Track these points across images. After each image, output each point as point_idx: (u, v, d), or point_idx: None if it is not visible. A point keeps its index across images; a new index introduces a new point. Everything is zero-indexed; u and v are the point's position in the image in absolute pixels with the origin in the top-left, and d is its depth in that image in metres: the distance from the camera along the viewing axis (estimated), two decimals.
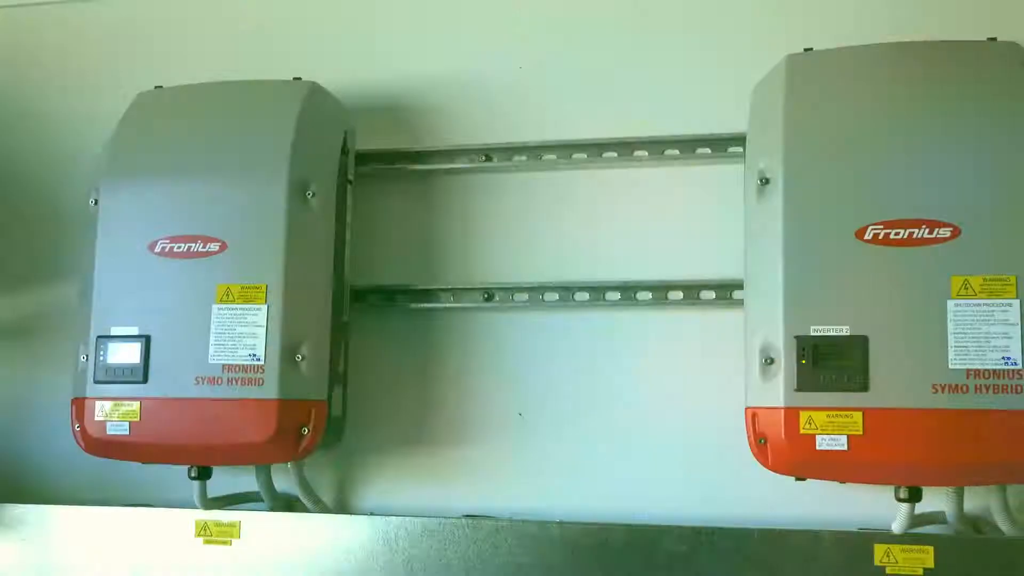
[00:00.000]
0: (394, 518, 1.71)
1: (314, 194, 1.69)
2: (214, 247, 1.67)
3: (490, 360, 1.83)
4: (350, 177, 1.82)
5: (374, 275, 1.88)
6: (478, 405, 1.83)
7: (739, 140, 1.70)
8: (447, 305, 1.83)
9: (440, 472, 1.83)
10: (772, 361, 1.49)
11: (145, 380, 1.65)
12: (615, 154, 1.80)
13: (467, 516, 1.72)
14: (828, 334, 1.47)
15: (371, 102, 1.94)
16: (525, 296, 1.81)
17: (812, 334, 1.47)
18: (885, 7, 1.77)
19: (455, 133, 1.90)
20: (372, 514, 1.75)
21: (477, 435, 1.82)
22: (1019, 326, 1.42)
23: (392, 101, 1.94)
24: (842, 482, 1.61)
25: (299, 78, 1.80)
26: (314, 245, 1.70)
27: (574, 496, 1.77)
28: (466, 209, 1.88)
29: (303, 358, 1.64)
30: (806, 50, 1.61)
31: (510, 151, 1.85)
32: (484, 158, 1.85)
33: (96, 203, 1.74)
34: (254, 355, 1.63)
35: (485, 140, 1.87)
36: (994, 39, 1.56)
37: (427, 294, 1.84)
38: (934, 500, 1.57)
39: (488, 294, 1.82)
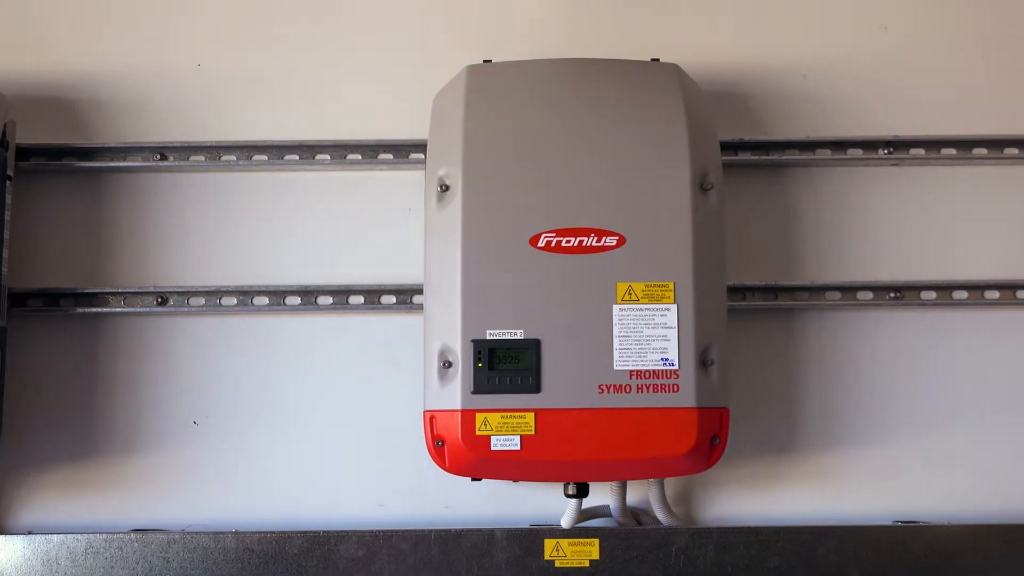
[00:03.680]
0: (55, 536, 1.61)
1: None
2: None
3: (163, 367, 1.75)
4: (9, 172, 1.69)
5: (35, 278, 1.76)
6: (150, 414, 1.75)
7: (421, 147, 1.73)
8: (117, 309, 1.74)
9: (109, 486, 1.73)
10: (450, 364, 1.52)
11: None
12: (296, 157, 1.78)
13: (136, 531, 1.64)
14: (503, 337, 1.51)
15: (36, 93, 1.81)
16: (201, 300, 1.75)
17: (488, 338, 1.51)
18: (562, 25, 1.85)
19: (128, 130, 1.81)
20: (30, 533, 1.64)
21: (149, 445, 1.74)
22: (676, 329, 1.52)
23: (60, 93, 1.83)
24: (515, 481, 1.67)
25: None
26: None
27: (252, 505, 1.73)
28: (139, 209, 1.79)
29: None
30: (485, 61, 1.66)
31: (187, 150, 1.78)
32: (159, 157, 1.78)
33: None
34: None
35: (161, 138, 1.79)
36: (657, 60, 1.67)
37: (94, 298, 1.74)
38: (600, 495, 1.66)
39: (162, 298, 1.75)
